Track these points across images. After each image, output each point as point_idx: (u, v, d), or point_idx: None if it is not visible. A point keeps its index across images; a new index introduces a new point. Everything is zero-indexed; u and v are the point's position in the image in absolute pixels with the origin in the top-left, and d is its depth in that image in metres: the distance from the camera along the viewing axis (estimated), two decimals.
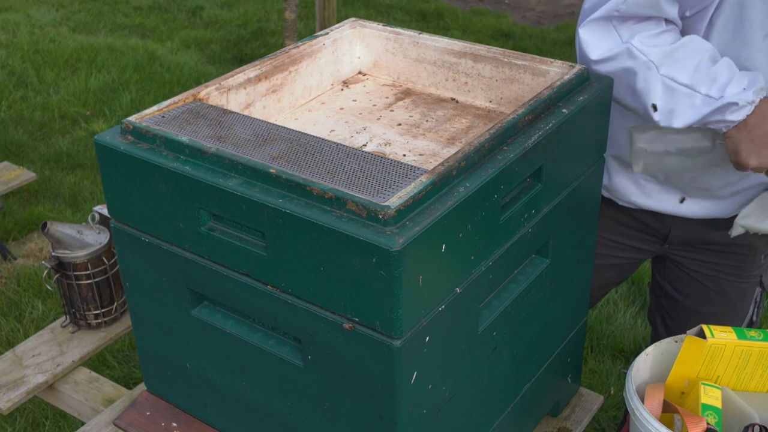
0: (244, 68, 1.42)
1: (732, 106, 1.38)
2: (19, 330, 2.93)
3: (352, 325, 1.08)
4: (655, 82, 1.43)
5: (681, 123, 1.44)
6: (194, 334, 1.32)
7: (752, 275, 1.80)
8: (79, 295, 1.79)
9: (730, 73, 1.41)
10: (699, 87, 1.41)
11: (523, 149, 1.18)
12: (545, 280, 1.34)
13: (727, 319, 1.83)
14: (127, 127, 1.24)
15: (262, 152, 1.16)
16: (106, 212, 1.83)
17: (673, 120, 1.44)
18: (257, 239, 1.14)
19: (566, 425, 1.57)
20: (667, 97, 1.43)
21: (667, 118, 1.44)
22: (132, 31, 5.94)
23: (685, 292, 1.85)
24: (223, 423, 1.40)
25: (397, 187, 1.07)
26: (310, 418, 1.23)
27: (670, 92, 1.43)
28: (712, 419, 1.29)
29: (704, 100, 1.40)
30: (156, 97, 4.79)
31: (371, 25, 1.61)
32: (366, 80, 1.62)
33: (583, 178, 1.38)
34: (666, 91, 1.43)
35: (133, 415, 1.48)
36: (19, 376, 1.71)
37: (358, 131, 1.43)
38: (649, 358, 1.44)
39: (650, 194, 1.72)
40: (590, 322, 3.00)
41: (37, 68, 5.13)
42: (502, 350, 1.29)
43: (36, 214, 3.67)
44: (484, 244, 1.15)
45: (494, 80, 1.48)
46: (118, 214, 1.30)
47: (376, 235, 1.00)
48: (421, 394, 1.13)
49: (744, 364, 1.37)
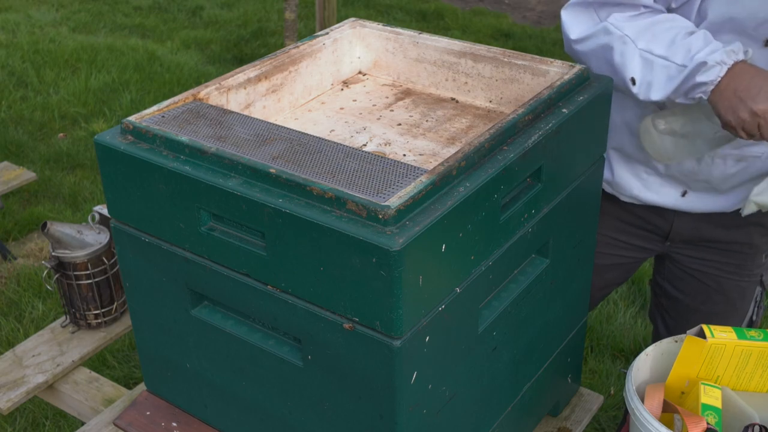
0: (244, 68, 1.42)
1: (701, 67, 1.39)
2: (19, 330, 2.93)
3: (352, 325, 1.08)
4: (633, 55, 1.46)
5: (659, 95, 1.46)
6: (194, 334, 1.32)
7: (753, 274, 1.80)
8: (79, 295, 1.79)
9: (705, 41, 1.42)
10: (674, 57, 1.43)
11: (523, 149, 1.18)
12: (545, 280, 1.34)
13: (727, 318, 1.83)
14: (127, 127, 1.24)
15: (262, 152, 1.16)
16: (106, 212, 1.83)
17: (651, 92, 1.46)
18: (257, 239, 1.14)
19: (566, 425, 1.57)
20: (645, 70, 1.46)
21: (646, 90, 1.47)
22: (132, 31, 5.94)
23: (685, 291, 1.85)
24: (223, 423, 1.40)
25: (397, 187, 1.07)
26: (310, 418, 1.23)
27: (647, 65, 1.45)
28: (712, 419, 1.29)
29: (679, 69, 1.42)
30: (156, 97, 4.79)
31: (371, 25, 1.61)
32: (366, 80, 1.62)
33: (583, 178, 1.38)
34: (644, 64, 1.45)
35: (133, 415, 1.48)
36: (19, 376, 1.71)
37: (358, 131, 1.43)
38: (649, 358, 1.44)
39: (652, 188, 1.72)
40: (590, 322, 3.00)
41: (37, 68, 5.13)
42: (502, 350, 1.29)
43: (36, 214, 3.67)
44: (484, 244, 1.15)
45: (494, 80, 1.48)
46: (118, 214, 1.30)
47: (376, 235, 1.00)
48: (421, 394, 1.13)
49: (744, 364, 1.37)
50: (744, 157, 1.61)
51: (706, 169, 1.64)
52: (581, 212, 1.42)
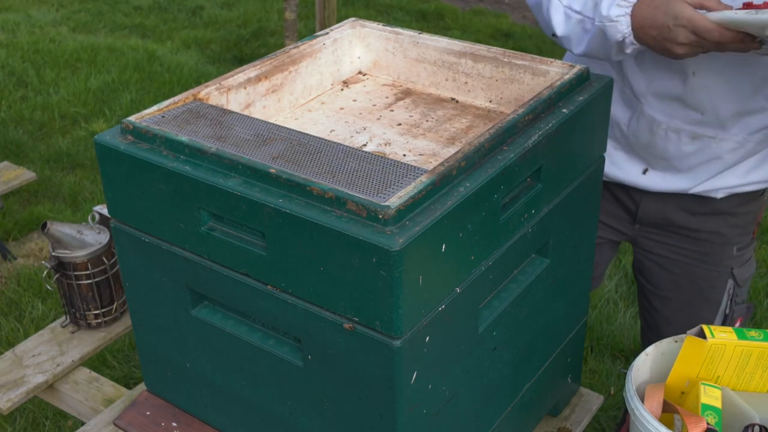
0: (244, 68, 1.42)
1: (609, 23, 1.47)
2: (19, 330, 2.94)
3: (352, 325, 1.08)
4: (557, 12, 1.58)
5: (579, 50, 1.58)
6: (194, 334, 1.32)
7: (722, 265, 1.81)
8: (79, 295, 1.79)
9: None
10: (586, 11, 1.53)
11: (523, 149, 1.18)
12: (545, 280, 1.34)
13: (698, 309, 1.85)
14: (127, 127, 1.24)
15: (262, 152, 1.16)
16: (106, 212, 1.83)
17: (572, 47, 1.59)
18: (257, 239, 1.14)
19: (566, 425, 1.57)
20: (566, 26, 1.58)
21: (568, 44, 1.60)
22: (132, 31, 5.94)
23: (654, 282, 1.88)
24: (223, 423, 1.40)
25: (397, 187, 1.07)
26: (310, 418, 1.23)
27: (567, 20, 1.57)
28: (712, 419, 1.29)
29: (590, 21, 1.52)
30: (156, 97, 4.79)
31: (371, 25, 1.61)
32: (366, 80, 1.62)
33: (583, 178, 1.38)
34: (565, 20, 1.58)
35: (133, 415, 1.48)
36: (19, 376, 1.71)
37: (358, 131, 1.43)
38: (649, 358, 1.44)
39: (618, 164, 1.77)
40: (590, 322, 3.00)
41: (37, 68, 5.13)
42: (502, 350, 1.29)
43: (36, 214, 3.67)
44: (484, 244, 1.15)
45: (494, 80, 1.48)
46: (118, 214, 1.30)
47: (376, 235, 1.00)
48: (421, 394, 1.13)
49: (744, 364, 1.37)
50: (698, 136, 1.64)
51: (661, 144, 1.67)
52: (581, 212, 1.42)
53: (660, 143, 1.67)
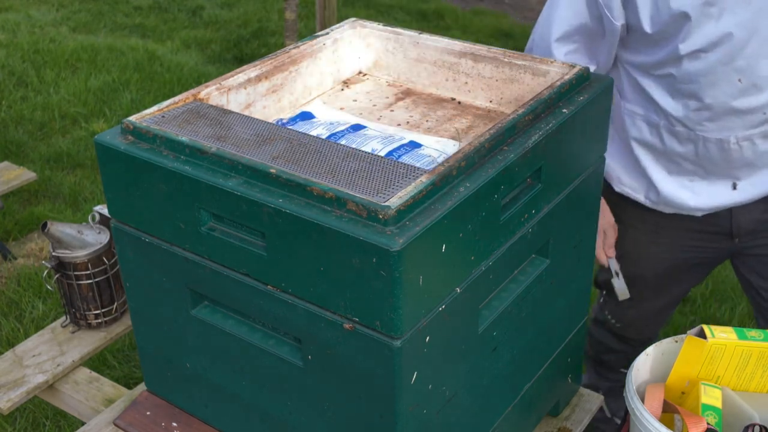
0: (244, 68, 1.42)
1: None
2: (20, 330, 2.93)
3: (353, 325, 1.08)
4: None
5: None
6: (194, 334, 1.32)
7: None
8: (80, 295, 1.78)
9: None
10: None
11: (523, 149, 1.18)
12: (545, 280, 1.34)
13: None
14: (127, 127, 1.24)
15: (262, 152, 1.16)
16: (106, 212, 1.83)
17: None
18: (257, 239, 1.14)
19: (566, 425, 1.57)
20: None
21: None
22: (132, 31, 5.93)
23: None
24: (223, 423, 1.40)
25: (397, 187, 1.07)
26: (310, 418, 1.23)
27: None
28: (712, 419, 1.29)
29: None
30: (156, 97, 4.79)
31: (371, 25, 1.61)
32: (366, 80, 1.62)
33: (584, 178, 1.38)
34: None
35: (133, 415, 1.48)
36: (19, 376, 1.71)
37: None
38: (649, 358, 1.44)
39: (703, 193, 1.76)
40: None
41: (37, 68, 5.12)
42: (502, 350, 1.29)
43: (36, 214, 3.67)
44: (484, 244, 1.15)
45: (494, 80, 1.48)
46: (118, 214, 1.30)
47: (376, 235, 1.00)
48: (421, 394, 1.13)
49: (744, 365, 1.37)
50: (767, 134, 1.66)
51: (738, 155, 1.68)
52: (581, 212, 1.42)
53: (737, 156, 1.69)
